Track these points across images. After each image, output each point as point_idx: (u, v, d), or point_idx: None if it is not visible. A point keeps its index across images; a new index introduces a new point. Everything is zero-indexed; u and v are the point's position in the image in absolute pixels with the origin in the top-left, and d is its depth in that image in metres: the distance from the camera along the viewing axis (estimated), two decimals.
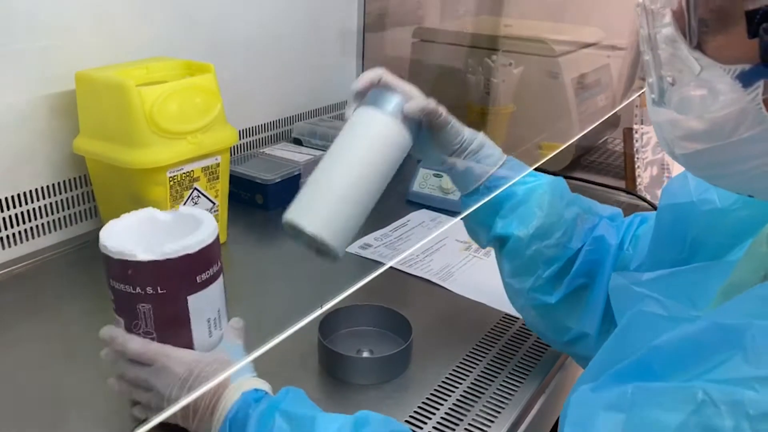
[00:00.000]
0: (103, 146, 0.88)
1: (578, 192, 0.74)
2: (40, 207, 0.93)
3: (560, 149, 1.35)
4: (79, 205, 0.98)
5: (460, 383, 0.72)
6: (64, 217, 0.96)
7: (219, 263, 0.62)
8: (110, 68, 0.89)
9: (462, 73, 1.51)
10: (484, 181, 0.70)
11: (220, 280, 0.63)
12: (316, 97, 1.39)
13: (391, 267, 0.96)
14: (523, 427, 0.70)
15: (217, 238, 0.62)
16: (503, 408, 0.69)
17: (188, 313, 0.59)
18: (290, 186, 1.15)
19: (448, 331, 0.82)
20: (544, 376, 0.74)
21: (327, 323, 0.77)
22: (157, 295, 0.58)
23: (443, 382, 0.72)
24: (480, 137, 0.72)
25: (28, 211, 0.92)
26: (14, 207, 0.90)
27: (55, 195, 0.95)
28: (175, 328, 0.60)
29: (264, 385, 0.59)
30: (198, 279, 0.59)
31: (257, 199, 1.13)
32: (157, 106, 0.84)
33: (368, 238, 1.04)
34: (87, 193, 0.98)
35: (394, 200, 1.21)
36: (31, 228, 0.93)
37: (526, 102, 1.51)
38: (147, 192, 0.88)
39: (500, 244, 0.71)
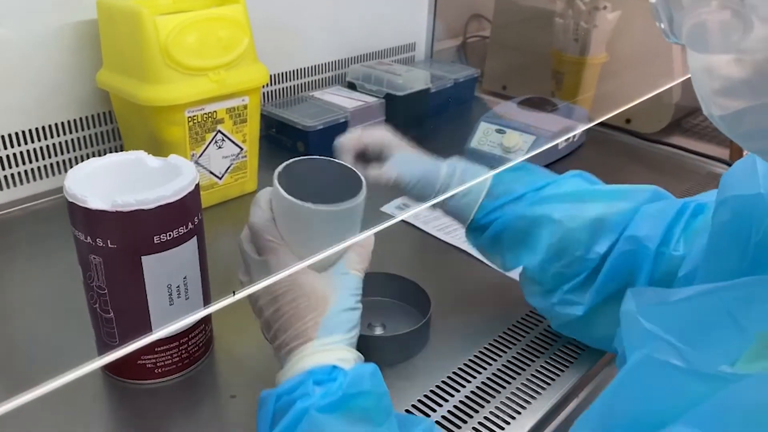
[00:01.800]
0: (122, 80, 0.82)
1: (670, 162, 0.60)
2: (67, 141, 0.90)
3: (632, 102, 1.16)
4: (107, 142, 0.94)
5: (480, 372, 0.62)
6: (92, 153, 0.93)
7: (192, 224, 0.55)
8: None
9: (549, 16, 1.34)
10: (471, 220, 0.64)
11: (192, 244, 0.55)
12: (378, 39, 1.27)
13: (422, 231, 0.85)
14: (551, 428, 0.59)
15: (190, 196, 0.54)
16: (524, 408, 0.58)
17: (142, 275, 0.52)
18: (334, 134, 1.05)
19: (474, 311, 0.71)
20: (581, 375, 0.62)
21: None
22: (107, 248, 0.51)
23: (461, 368, 0.63)
24: (457, 172, 0.64)
25: (54, 144, 0.89)
26: (40, 140, 0.87)
27: (82, 130, 0.91)
28: (126, 289, 0.53)
29: (346, 362, 0.46)
30: (156, 239, 0.52)
31: (298, 147, 1.05)
32: (173, 37, 0.77)
33: (407, 199, 0.93)
34: (115, 129, 0.93)
35: (447, 157, 1.09)
36: (58, 162, 0.90)
37: (622, 52, 1.32)
38: (164, 132, 0.81)
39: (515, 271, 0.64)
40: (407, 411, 0.57)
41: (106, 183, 0.56)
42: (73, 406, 0.56)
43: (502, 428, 0.56)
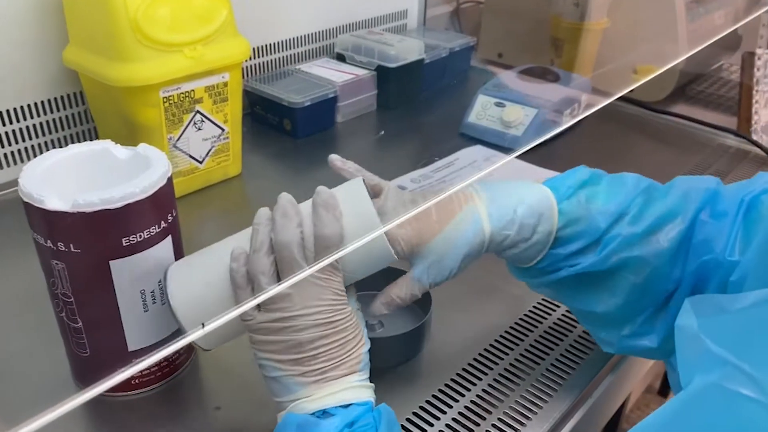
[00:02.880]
0: (90, 59, 0.75)
1: (677, 134, 0.52)
2: (34, 125, 0.83)
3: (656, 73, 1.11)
4: (78, 125, 0.87)
5: (486, 373, 0.58)
6: (63, 137, 0.86)
7: (165, 222, 0.49)
8: None
9: None
10: (536, 263, 0.52)
11: (167, 244, 0.50)
12: (368, 6, 1.19)
13: None
14: None
15: (162, 191, 0.48)
16: (538, 410, 0.54)
17: (111, 281, 0.47)
18: (323, 111, 1.00)
19: (478, 306, 0.66)
20: (593, 375, 0.58)
21: None
22: (71, 253, 0.46)
23: (466, 368, 0.58)
24: (517, 225, 0.49)
25: (19, 129, 0.82)
26: (4, 125, 0.81)
27: (51, 113, 0.84)
28: (95, 296, 0.48)
29: (375, 400, 0.45)
30: (125, 241, 0.46)
31: (285, 125, 0.98)
32: (143, 10, 0.70)
33: (404, 179, 0.87)
34: (87, 111, 0.86)
35: (443, 132, 1.03)
36: (26, 148, 0.83)
37: (624, 17, 1.25)
38: (137, 114, 0.75)
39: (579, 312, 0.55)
40: (409, 419, 0.53)
41: (68, 179, 0.50)
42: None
43: (518, 428, 0.52)
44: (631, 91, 1.21)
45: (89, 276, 0.47)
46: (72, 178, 0.51)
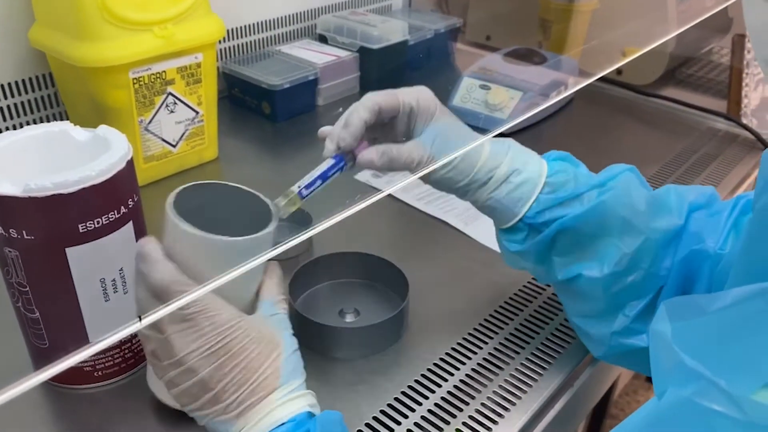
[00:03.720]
0: (56, 38, 0.72)
1: (666, 117, 0.52)
2: (2, 107, 0.80)
3: (641, 52, 1.08)
4: (47, 108, 0.84)
5: (466, 361, 0.56)
6: (33, 120, 0.83)
7: (126, 208, 0.47)
8: None
9: None
10: (519, 219, 0.51)
11: (128, 230, 0.47)
12: None
13: (405, 204, 0.78)
14: (542, 425, 0.53)
15: (121, 175, 0.45)
16: (519, 398, 0.52)
17: (68, 269, 0.45)
18: (303, 93, 0.97)
19: (458, 293, 0.64)
20: (576, 362, 0.56)
21: (302, 275, 0.61)
22: (24, 240, 0.43)
23: (445, 356, 0.56)
24: (507, 158, 0.50)
25: None
26: None
27: (18, 95, 0.81)
28: (51, 285, 0.45)
29: (315, 407, 0.42)
30: (81, 228, 0.44)
31: (263, 108, 0.96)
32: None
33: (365, 174, 0.83)
34: (57, 94, 0.83)
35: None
36: None
37: None
38: (106, 96, 0.72)
39: (563, 285, 0.52)
40: (383, 411, 0.51)
41: (24, 162, 0.48)
42: (1, 414, 0.49)
43: (501, 415, 0.50)
44: (620, 73, 1.19)
45: (44, 264, 0.45)
46: (27, 162, 0.48)
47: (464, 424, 0.50)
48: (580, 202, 0.49)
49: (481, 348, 0.57)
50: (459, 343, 0.58)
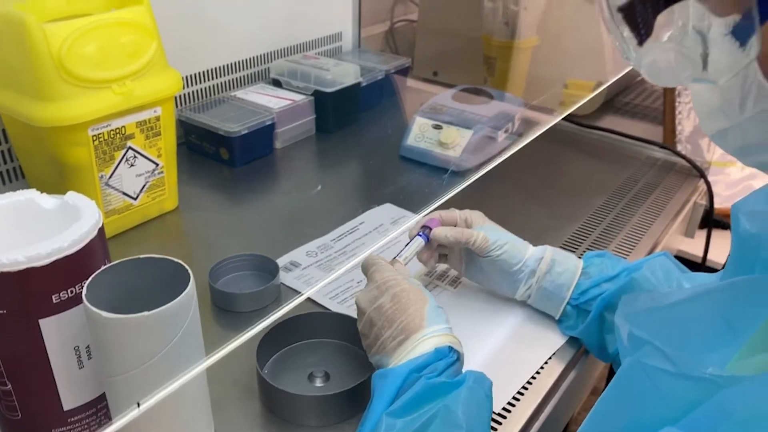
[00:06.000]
0: (11, 98, 0.72)
1: (608, 148, 0.60)
2: None
3: (583, 99, 1.14)
4: (2, 164, 0.83)
5: None
6: None
7: (98, 271, 0.47)
8: None
9: (476, 0, 1.29)
10: (567, 303, 0.63)
11: None
12: (302, 29, 1.19)
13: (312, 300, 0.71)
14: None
15: (93, 243, 0.46)
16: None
17: (42, 340, 0.45)
18: (261, 138, 0.99)
19: None
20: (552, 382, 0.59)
21: (271, 337, 0.60)
22: None
23: None
24: (548, 253, 0.65)
25: None
26: None
27: None
28: (24, 357, 0.46)
29: (457, 344, 0.52)
30: (55, 299, 0.44)
31: (222, 154, 0.97)
32: (67, 47, 0.68)
33: (298, 252, 0.77)
34: (10, 150, 0.83)
35: (384, 156, 1.03)
36: None
37: (553, 34, 1.29)
38: (66, 154, 0.72)
39: (616, 361, 0.61)
40: None
41: None
42: None
43: None
44: (563, 104, 1.25)
45: (18, 337, 0.45)
46: None
47: None
48: (616, 281, 0.60)
49: None
50: None
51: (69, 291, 0.45)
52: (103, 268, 0.46)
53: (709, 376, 0.32)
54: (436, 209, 0.69)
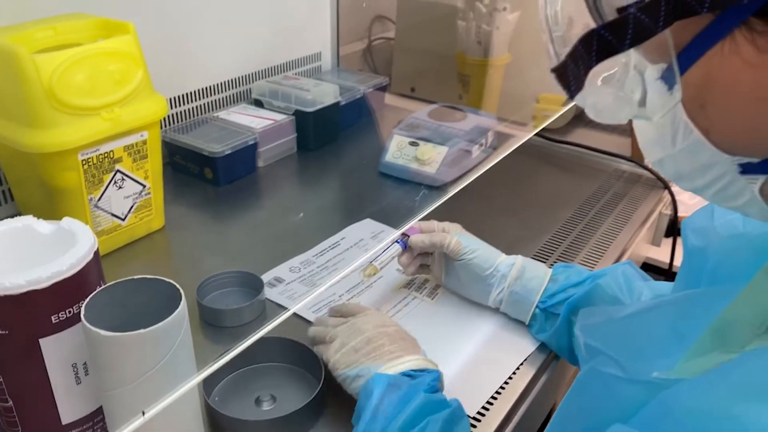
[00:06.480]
0: (1, 125, 0.74)
1: (578, 162, 0.64)
2: None
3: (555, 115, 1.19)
4: None
5: None
6: None
7: (95, 292, 0.50)
8: (5, 30, 0.75)
9: (451, 19, 1.34)
10: (536, 307, 0.68)
11: None
12: (281, 50, 1.23)
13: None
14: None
15: (90, 266, 0.49)
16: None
17: (42, 358, 0.48)
18: (244, 157, 1.02)
19: None
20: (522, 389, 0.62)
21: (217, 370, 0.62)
22: None
23: None
24: (519, 261, 0.70)
25: None
26: None
27: None
28: (25, 375, 0.49)
29: (442, 376, 0.58)
30: (54, 319, 0.47)
31: (206, 174, 1.00)
32: (57, 77, 0.71)
33: (282, 268, 0.80)
34: (1, 176, 0.85)
35: (364, 172, 1.07)
36: None
37: (524, 52, 1.34)
38: (56, 179, 0.75)
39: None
40: None
41: None
42: None
43: None
44: (535, 117, 1.30)
45: (18, 356, 0.48)
46: None
47: None
48: (582, 287, 0.66)
49: None
50: None
51: (67, 311, 0.48)
52: (99, 289, 0.49)
53: (654, 380, 0.36)
54: (414, 224, 0.74)
